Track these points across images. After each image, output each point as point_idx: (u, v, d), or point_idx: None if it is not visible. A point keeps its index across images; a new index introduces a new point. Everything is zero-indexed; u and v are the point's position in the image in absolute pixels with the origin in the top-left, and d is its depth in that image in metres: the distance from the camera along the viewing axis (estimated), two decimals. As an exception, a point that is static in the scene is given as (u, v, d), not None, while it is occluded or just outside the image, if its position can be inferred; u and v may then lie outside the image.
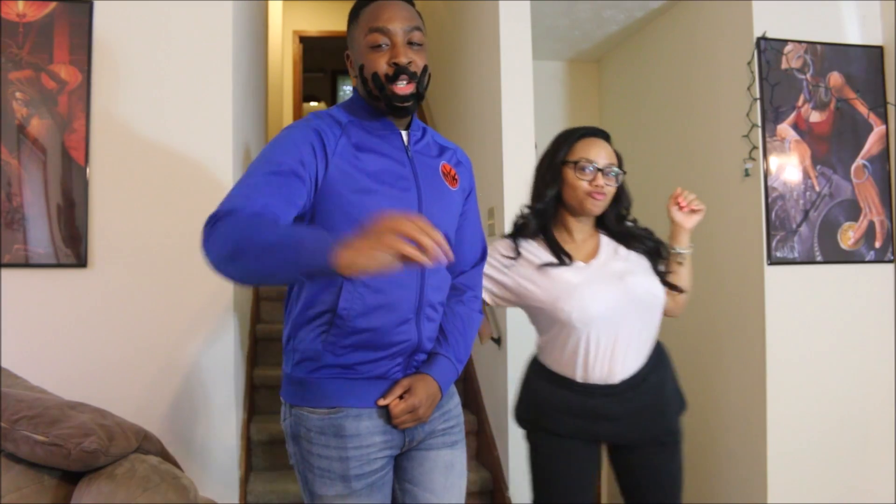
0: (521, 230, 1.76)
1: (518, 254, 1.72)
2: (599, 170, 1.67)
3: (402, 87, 1.35)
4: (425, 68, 1.38)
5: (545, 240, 1.72)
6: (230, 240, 1.13)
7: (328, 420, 1.37)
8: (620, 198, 1.76)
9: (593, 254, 1.73)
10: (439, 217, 1.40)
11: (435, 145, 1.50)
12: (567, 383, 1.70)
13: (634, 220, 1.81)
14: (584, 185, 1.67)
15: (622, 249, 1.74)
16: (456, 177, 1.50)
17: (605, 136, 1.74)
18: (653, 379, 1.71)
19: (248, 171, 1.29)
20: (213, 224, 1.17)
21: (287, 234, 1.13)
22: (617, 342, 1.66)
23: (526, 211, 1.78)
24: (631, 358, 1.68)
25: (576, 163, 1.68)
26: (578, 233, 1.75)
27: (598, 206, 1.70)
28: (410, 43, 1.36)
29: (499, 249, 1.74)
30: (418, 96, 1.37)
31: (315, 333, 1.37)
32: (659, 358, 1.74)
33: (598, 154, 1.69)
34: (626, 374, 1.67)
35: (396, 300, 1.36)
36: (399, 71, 1.34)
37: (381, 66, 1.35)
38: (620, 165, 1.73)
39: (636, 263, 1.72)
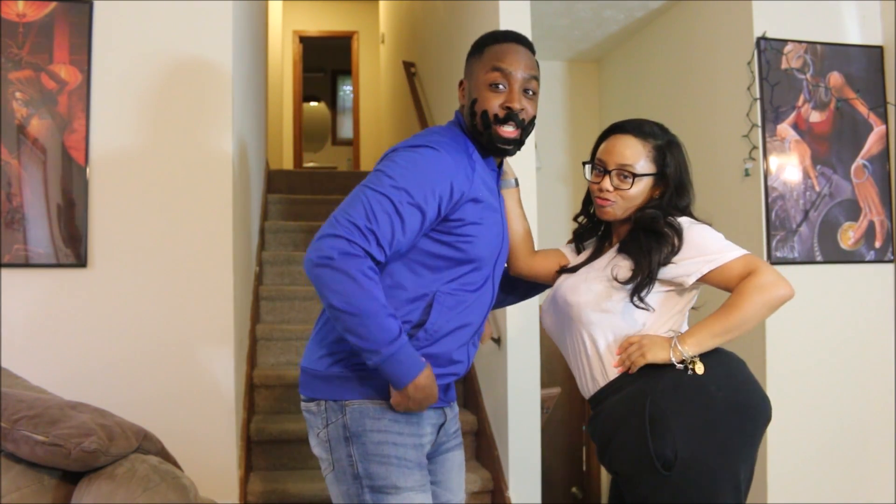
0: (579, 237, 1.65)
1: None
2: (608, 172, 1.50)
3: (509, 131, 1.40)
4: (533, 119, 1.44)
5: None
6: (348, 301, 1.25)
7: (403, 414, 1.39)
8: (660, 200, 1.50)
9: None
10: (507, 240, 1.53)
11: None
12: None
13: (665, 215, 1.49)
14: (594, 188, 1.52)
15: (614, 255, 1.51)
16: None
17: (631, 130, 1.51)
18: (605, 406, 1.46)
19: (378, 185, 1.31)
20: (337, 256, 1.25)
21: (395, 341, 1.28)
22: (568, 355, 1.55)
23: (578, 221, 1.66)
24: (582, 375, 1.51)
25: (594, 164, 1.55)
26: (614, 236, 1.58)
27: (606, 211, 1.50)
28: (526, 90, 1.42)
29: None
30: (520, 143, 1.43)
31: None
32: (624, 388, 1.44)
33: (612, 153, 1.50)
34: (588, 392, 1.51)
35: (470, 323, 1.45)
36: (510, 116, 1.40)
37: (494, 106, 1.40)
38: (662, 158, 1.49)
39: (593, 268, 1.51)
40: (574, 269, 1.57)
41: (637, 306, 1.43)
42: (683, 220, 1.47)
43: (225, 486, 2.31)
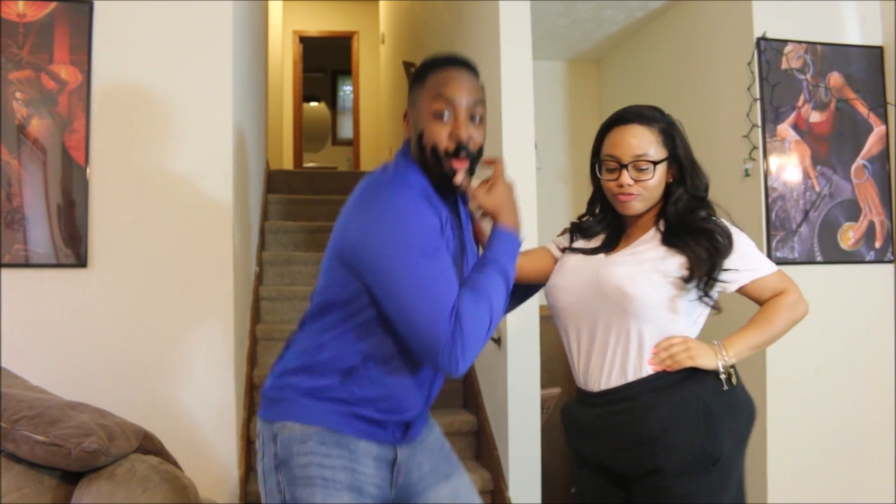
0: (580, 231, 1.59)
1: (570, 244, 1.57)
2: (624, 166, 1.44)
3: (460, 163, 1.35)
4: (481, 148, 1.40)
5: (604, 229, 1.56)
6: (482, 333, 1.22)
7: (331, 436, 1.33)
8: (677, 187, 1.46)
9: (625, 245, 1.49)
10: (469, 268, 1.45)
11: (463, 210, 1.50)
12: (576, 386, 1.54)
13: (708, 213, 1.49)
14: (612, 185, 1.46)
15: (655, 250, 1.44)
16: (479, 238, 1.54)
17: (636, 119, 1.49)
18: (640, 402, 1.40)
19: (408, 270, 1.22)
20: (456, 339, 1.19)
21: (496, 274, 1.27)
22: (595, 342, 1.45)
23: (580, 220, 1.60)
24: (612, 365, 1.42)
25: (602, 161, 1.49)
26: (630, 226, 1.52)
27: (630, 206, 1.45)
28: (472, 117, 1.37)
29: (554, 240, 1.64)
30: (471, 172, 1.39)
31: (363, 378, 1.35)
32: (665, 387, 1.40)
33: (622, 146, 1.45)
34: (607, 383, 1.43)
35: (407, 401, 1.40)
36: (459, 147, 1.34)
37: (442, 139, 1.34)
38: (671, 140, 1.46)
39: (642, 256, 1.44)
40: (591, 252, 1.52)
41: (708, 304, 1.44)
42: (728, 224, 1.50)
43: (225, 486, 2.31)
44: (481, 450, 2.90)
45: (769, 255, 2.57)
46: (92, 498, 1.29)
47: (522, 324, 2.59)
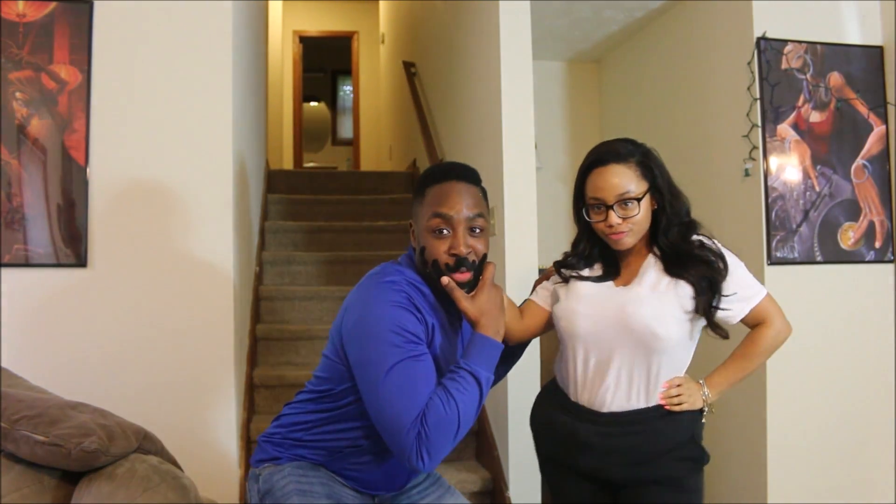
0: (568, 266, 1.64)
1: (566, 280, 1.62)
2: (610, 207, 1.48)
3: (460, 276, 1.39)
4: (485, 256, 1.43)
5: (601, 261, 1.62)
6: (448, 438, 1.28)
7: (309, 464, 1.50)
8: (664, 215, 1.52)
9: (632, 278, 1.55)
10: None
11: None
12: (562, 398, 1.62)
13: (699, 237, 1.54)
14: (602, 226, 1.51)
15: (665, 279, 1.50)
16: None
17: (612, 159, 1.50)
18: (651, 426, 1.51)
19: (385, 373, 1.30)
20: (421, 442, 1.27)
21: (467, 384, 1.31)
22: (609, 368, 1.51)
23: (568, 259, 1.64)
24: (623, 391, 1.51)
25: (588, 204, 1.54)
26: (628, 255, 1.58)
27: (623, 242, 1.51)
28: (472, 229, 1.39)
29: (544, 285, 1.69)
30: (473, 284, 1.41)
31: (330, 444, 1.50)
32: (669, 414, 1.51)
33: (605, 188, 1.49)
34: (615, 406, 1.52)
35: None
36: (459, 262, 1.38)
37: (442, 254, 1.38)
38: (648, 170, 1.50)
39: (665, 295, 1.49)
40: (599, 279, 1.58)
41: (718, 334, 1.51)
42: (716, 245, 1.53)
43: (225, 486, 2.31)
44: (481, 450, 2.90)
45: (769, 255, 2.57)
46: (92, 498, 1.29)
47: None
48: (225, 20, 2.36)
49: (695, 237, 1.52)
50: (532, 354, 2.59)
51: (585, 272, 1.61)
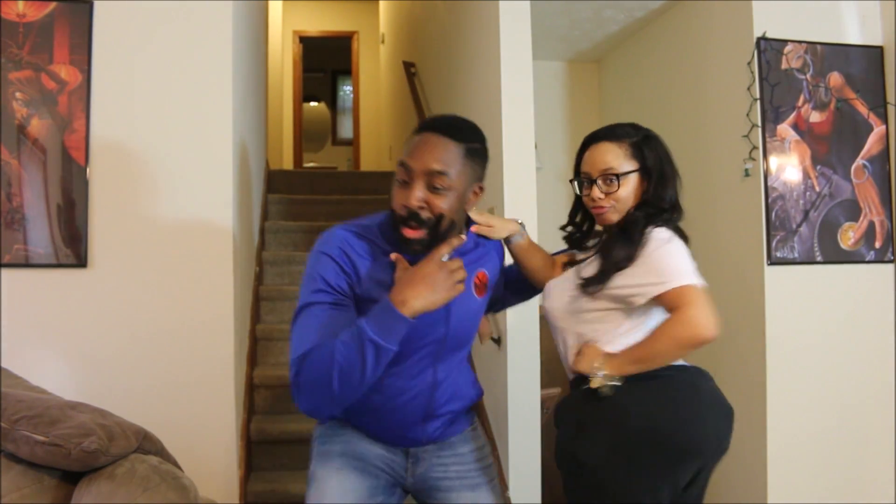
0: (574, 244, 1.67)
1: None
2: (594, 181, 1.55)
3: (410, 232, 1.34)
4: (441, 216, 1.34)
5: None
6: (319, 390, 1.26)
7: (340, 423, 1.53)
8: (646, 196, 1.53)
9: None
10: (460, 322, 1.47)
11: (475, 253, 1.52)
12: None
13: (648, 220, 1.51)
14: (587, 200, 1.57)
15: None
16: (487, 284, 1.54)
17: (605, 137, 1.57)
18: (566, 402, 1.54)
19: (298, 305, 1.34)
20: (295, 383, 1.28)
21: (352, 339, 1.25)
22: (567, 346, 1.56)
23: (566, 231, 1.69)
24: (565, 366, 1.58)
25: (580, 178, 1.60)
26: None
27: (605, 217, 1.54)
28: (433, 185, 1.32)
29: None
30: (429, 242, 1.34)
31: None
32: (575, 393, 1.51)
33: (592, 162, 1.56)
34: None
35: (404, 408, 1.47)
36: (409, 215, 1.33)
37: (398, 204, 1.34)
38: (640, 152, 1.52)
39: (575, 270, 1.55)
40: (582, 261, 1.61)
41: (586, 296, 1.49)
42: (660, 233, 1.47)
43: (225, 486, 2.31)
44: (481, 450, 2.90)
45: (769, 255, 2.56)
46: (92, 498, 1.29)
47: (522, 324, 2.60)
48: (225, 20, 2.36)
49: (656, 227, 1.48)
50: (532, 355, 2.59)
51: (581, 255, 1.65)
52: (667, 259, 1.43)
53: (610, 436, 1.42)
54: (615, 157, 1.54)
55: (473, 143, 1.41)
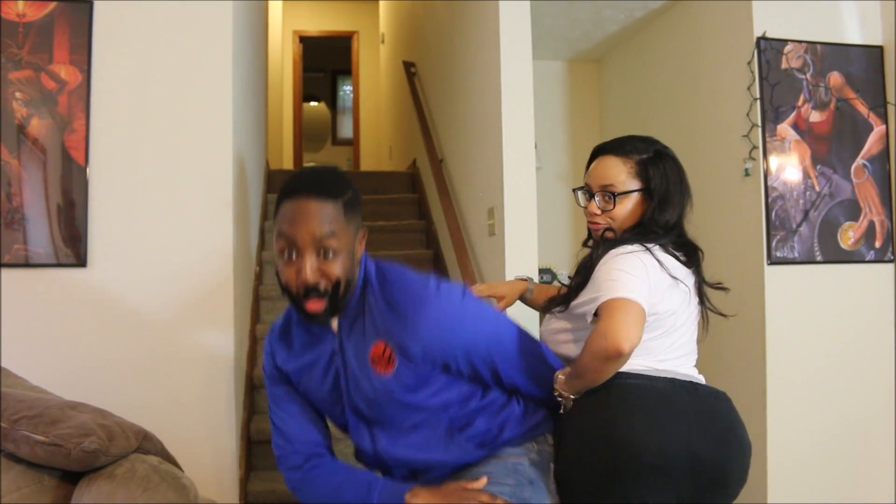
0: None
1: None
2: (593, 195, 1.51)
3: (312, 305, 1.27)
4: (338, 281, 1.27)
5: None
6: (316, 499, 1.44)
7: None
8: (646, 217, 1.48)
9: None
10: (370, 399, 1.36)
11: (371, 322, 1.35)
12: None
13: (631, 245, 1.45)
14: (585, 212, 1.54)
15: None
16: (390, 360, 1.32)
17: (612, 150, 1.52)
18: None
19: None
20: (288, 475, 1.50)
21: (360, 497, 1.37)
22: None
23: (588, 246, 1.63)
24: None
25: (581, 189, 1.57)
26: None
27: (598, 234, 1.51)
28: (323, 251, 1.25)
29: None
30: (332, 310, 1.29)
31: None
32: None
33: (594, 175, 1.52)
34: None
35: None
36: (308, 291, 1.26)
37: (291, 280, 1.27)
38: (646, 174, 1.47)
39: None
40: None
41: (553, 316, 1.51)
42: (618, 249, 1.40)
43: (225, 486, 2.31)
44: (481, 450, 2.90)
45: (769, 255, 2.57)
46: (92, 498, 1.29)
47: (522, 324, 2.59)
48: (225, 20, 2.36)
49: (634, 245, 1.40)
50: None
51: None
52: (604, 273, 1.36)
53: (568, 446, 1.37)
54: (617, 173, 1.48)
55: (346, 194, 1.33)
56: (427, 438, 1.40)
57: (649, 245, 1.41)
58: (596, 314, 1.33)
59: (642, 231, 1.46)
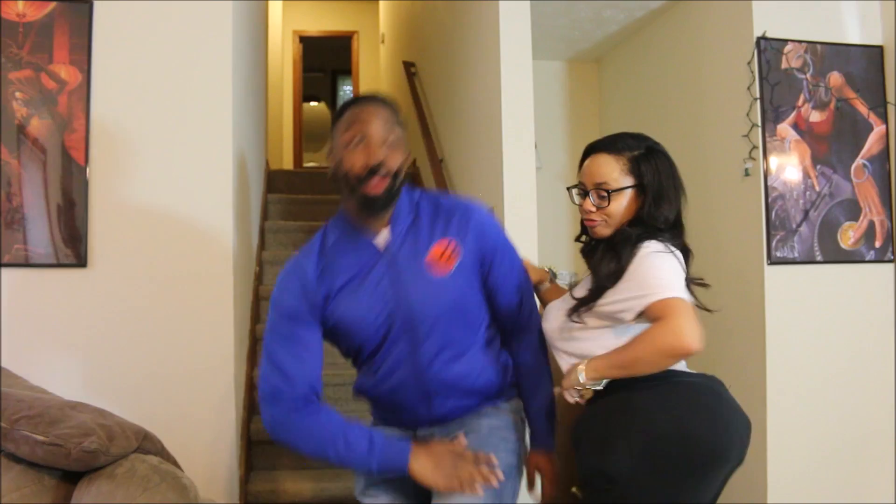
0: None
1: None
2: (587, 193, 1.53)
3: (376, 184, 1.40)
4: (397, 171, 1.43)
5: None
6: (297, 440, 1.44)
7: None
8: (641, 214, 1.50)
9: None
10: (423, 303, 1.46)
11: (426, 229, 1.50)
12: None
13: (636, 237, 1.49)
14: (580, 210, 1.56)
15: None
16: (451, 256, 1.48)
17: (604, 148, 1.54)
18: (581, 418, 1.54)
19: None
20: (268, 412, 1.46)
21: (356, 448, 1.40)
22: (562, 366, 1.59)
23: (581, 241, 1.67)
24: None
25: (575, 187, 1.59)
26: None
27: (596, 231, 1.54)
28: (385, 141, 1.41)
29: None
30: (388, 197, 1.43)
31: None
32: (592, 408, 1.50)
33: (587, 173, 1.54)
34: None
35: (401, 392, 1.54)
36: (372, 171, 1.39)
37: (357, 163, 1.40)
38: (638, 171, 1.49)
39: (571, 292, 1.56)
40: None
41: (572, 319, 1.49)
42: (649, 246, 1.44)
43: (225, 486, 2.31)
44: (481, 450, 2.90)
45: (769, 255, 2.56)
46: (92, 498, 1.29)
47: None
48: (225, 20, 2.36)
49: (647, 241, 1.44)
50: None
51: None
52: (652, 271, 1.40)
53: (637, 444, 1.38)
54: (611, 170, 1.50)
55: (399, 111, 1.51)
56: (464, 350, 1.52)
57: (672, 249, 1.46)
58: (641, 314, 1.40)
59: (648, 230, 1.48)
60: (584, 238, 1.64)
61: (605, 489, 1.40)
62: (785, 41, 2.64)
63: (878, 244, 2.68)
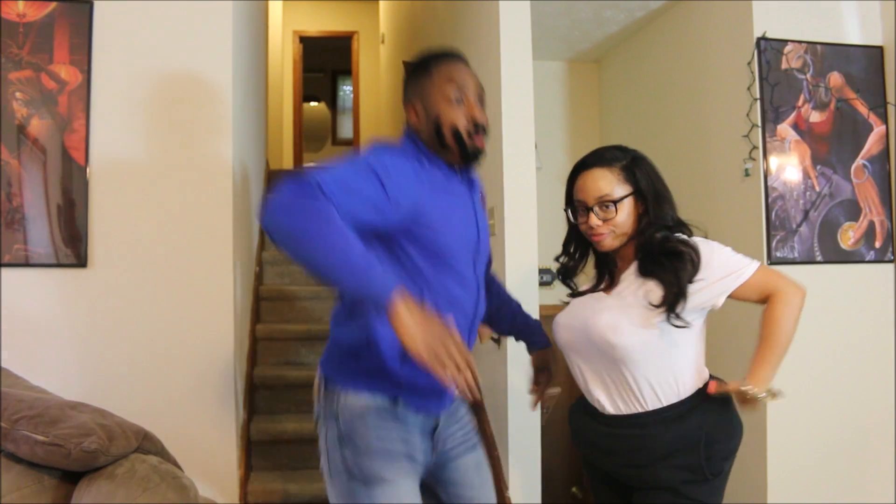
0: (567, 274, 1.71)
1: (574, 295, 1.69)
2: (590, 209, 1.55)
3: (481, 140, 1.50)
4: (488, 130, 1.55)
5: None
6: (305, 218, 1.20)
7: (388, 411, 1.45)
8: (646, 218, 1.55)
9: (617, 285, 1.59)
10: (487, 242, 1.59)
11: (476, 181, 1.62)
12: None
13: (673, 234, 1.55)
14: (584, 227, 1.58)
15: (636, 282, 1.53)
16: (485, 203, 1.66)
17: (595, 163, 1.57)
18: (650, 430, 1.51)
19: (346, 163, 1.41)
20: (301, 189, 1.22)
21: (358, 252, 1.21)
22: (587, 376, 1.58)
23: (560, 261, 1.70)
24: (604, 397, 1.55)
25: (575, 206, 1.61)
26: (619, 261, 1.62)
27: (604, 244, 1.56)
28: (480, 101, 1.52)
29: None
30: (482, 152, 1.54)
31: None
32: (674, 419, 1.52)
33: (586, 190, 1.56)
34: (615, 410, 1.55)
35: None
36: (479, 127, 1.49)
37: (461, 120, 1.48)
38: (632, 175, 1.54)
39: (629, 302, 1.52)
40: (583, 293, 1.64)
41: (675, 325, 1.48)
42: (697, 239, 1.54)
43: (225, 486, 2.31)
44: (481, 450, 2.90)
45: (769, 255, 2.56)
46: (92, 498, 1.29)
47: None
48: (225, 20, 2.36)
49: (670, 235, 1.54)
50: (532, 354, 2.59)
51: (585, 286, 1.67)
52: (725, 255, 1.54)
53: (729, 444, 1.58)
54: (608, 182, 1.55)
55: None
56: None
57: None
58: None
59: (672, 228, 1.56)
60: (563, 258, 1.69)
61: (706, 482, 1.53)
62: (785, 41, 2.64)
63: (878, 244, 2.68)
